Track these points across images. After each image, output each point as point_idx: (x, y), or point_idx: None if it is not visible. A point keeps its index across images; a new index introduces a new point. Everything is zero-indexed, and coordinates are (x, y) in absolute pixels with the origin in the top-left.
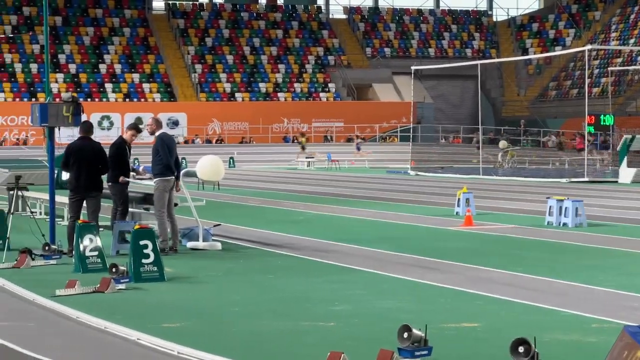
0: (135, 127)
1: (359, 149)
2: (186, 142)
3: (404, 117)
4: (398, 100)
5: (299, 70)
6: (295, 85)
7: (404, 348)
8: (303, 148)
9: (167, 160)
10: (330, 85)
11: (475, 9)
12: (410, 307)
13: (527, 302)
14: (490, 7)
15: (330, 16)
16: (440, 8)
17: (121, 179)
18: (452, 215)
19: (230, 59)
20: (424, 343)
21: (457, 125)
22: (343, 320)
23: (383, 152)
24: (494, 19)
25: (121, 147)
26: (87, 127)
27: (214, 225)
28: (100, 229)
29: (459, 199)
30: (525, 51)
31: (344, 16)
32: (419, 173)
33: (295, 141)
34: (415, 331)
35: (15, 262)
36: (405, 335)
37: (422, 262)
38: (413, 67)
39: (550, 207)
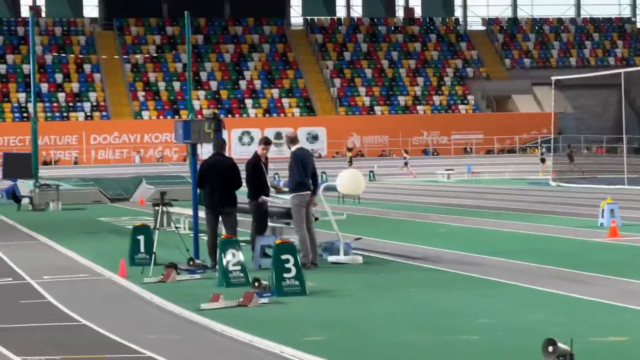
0: (265, 141)
1: (406, 164)
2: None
3: (544, 127)
4: (538, 111)
5: (437, 82)
6: (434, 97)
7: None
8: (350, 163)
9: (300, 177)
10: (469, 97)
11: (618, 16)
12: (555, 320)
13: None
14: (634, 13)
15: (469, 28)
16: (582, 16)
17: (260, 199)
18: (596, 227)
19: (368, 72)
20: (569, 357)
21: (600, 135)
22: (487, 334)
23: (523, 163)
24: (638, 26)
25: (256, 166)
26: (220, 144)
27: (355, 239)
28: (242, 244)
29: (602, 209)
30: None
31: (482, 28)
32: (561, 184)
33: (343, 155)
34: (560, 345)
35: (162, 276)
36: (551, 349)
37: (567, 275)
38: (554, 78)
39: None
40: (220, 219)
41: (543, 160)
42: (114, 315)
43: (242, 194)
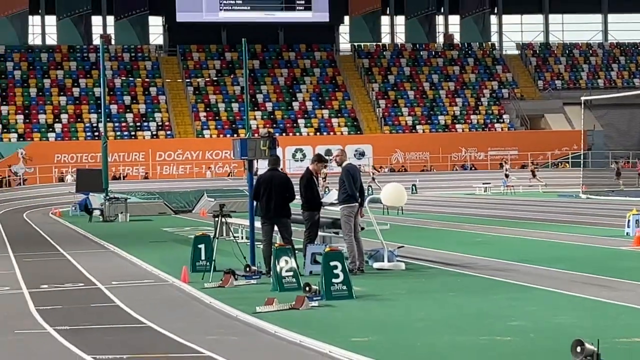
0: (319, 159)
1: (373, 179)
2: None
3: (574, 144)
4: (569, 129)
5: (475, 103)
6: (472, 117)
7: None
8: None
9: (351, 190)
10: (504, 116)
11: None
12: (584, 323)
13: None
14: None
15: (504, 52)
16: (609, 41)
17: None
18: (622, 236)
19: (411, 94)
20: (596, 357)
21: (627, 151)
22: (520, 335)
23: (555, 177)
24: None
25: (309, 180)
26: (275, 160)
27: (398, 247)
28: (295, 251)
29: (628, 220)
30: None
31: (516, 52)
32: (590, 196)
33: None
34: (588, 346)
35: (221, 281)
36: (579, 349)
37: (595, 280)
38: (583, 98)
39: None
40: (276, 228)
41: (507, 176)
42: (177, 317)
43: (296, 206)
